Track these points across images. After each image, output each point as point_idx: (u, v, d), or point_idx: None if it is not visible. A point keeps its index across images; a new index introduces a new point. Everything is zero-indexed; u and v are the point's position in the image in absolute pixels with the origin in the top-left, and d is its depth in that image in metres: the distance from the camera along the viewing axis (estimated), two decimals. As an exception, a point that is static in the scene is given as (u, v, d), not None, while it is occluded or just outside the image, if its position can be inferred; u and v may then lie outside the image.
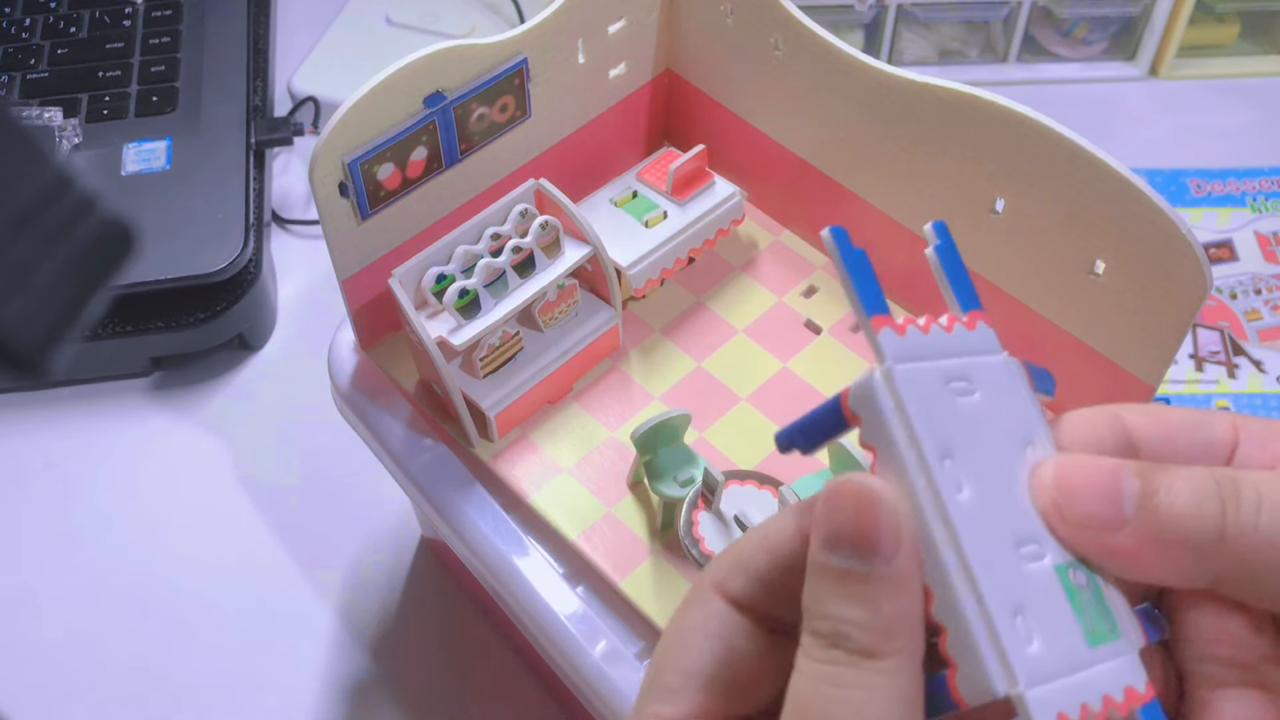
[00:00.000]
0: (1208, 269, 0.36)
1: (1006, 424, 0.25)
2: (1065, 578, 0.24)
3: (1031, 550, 0.24)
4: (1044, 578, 0.23)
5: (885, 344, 0.24)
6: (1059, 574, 0.24)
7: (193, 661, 0.54)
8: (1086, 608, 0.24)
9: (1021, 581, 0.23)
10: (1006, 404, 0.25)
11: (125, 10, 0.74)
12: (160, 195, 0.64)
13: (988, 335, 0.26)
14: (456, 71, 0.43)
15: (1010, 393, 0.25)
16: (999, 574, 0.23)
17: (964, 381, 0.25)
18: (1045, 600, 0.23)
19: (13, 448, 0.62)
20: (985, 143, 0.41)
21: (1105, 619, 0.24)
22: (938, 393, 0.24)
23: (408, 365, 0.46)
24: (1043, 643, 0.23)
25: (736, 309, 0.49)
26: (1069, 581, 0.24)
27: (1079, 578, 0.24)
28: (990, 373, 0.25)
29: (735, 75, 0.49)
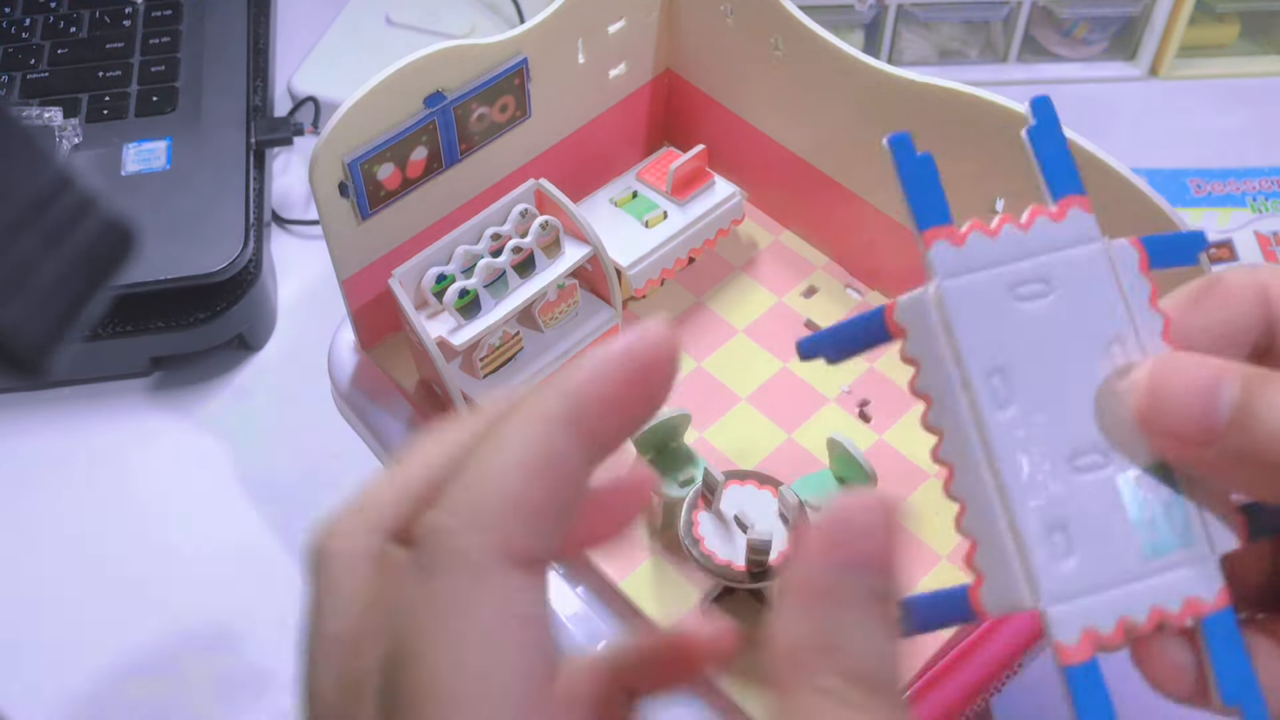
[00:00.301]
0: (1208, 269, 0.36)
1: (1088, 324, 0.23)
2: (1128, 484, 0.23)
3: (1091, 460, 0.23)
4: (1098, 489, 0.23)
5: (937, 260, 0.24)
6: (1122, 484, 0.23)
7: (192, 661, 0.54)
8: (1151, 517, 0.23)
9: (1068, 495, 0.23)
10: (1089, 301, 0.24)
11: (125, 10, 0.74)
12: (160, 195, 0.64)
13: (1082, 223, 0.24)
14: (456, 71, 0.43)
15: (1097, 287, 0.24)
16: (1039, 489, 0.22)
17: (1039, 283, 0.23)
18: (1095, 513, 0.23)
19: (13, 448, 0.62)
20: (985, 143, 0.41)
21: (1175, 527, 0.23)
22: (997, 303, 0.23)
23: (408, 365, 0.46)
24: (1083, 558, 0.22)
25: (736, 309, 0.49)
26: (1133, 491, 0.23)
27: (1147, 483, 0.23)
28: (1074, 268, 0.24)
29: (735, 75, 0.49)
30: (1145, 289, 0.24)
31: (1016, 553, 0.22)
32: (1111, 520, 0.23)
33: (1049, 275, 0.24)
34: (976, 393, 0.23)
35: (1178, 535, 0.23)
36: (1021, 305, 0.23)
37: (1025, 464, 0.23)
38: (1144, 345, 0.24)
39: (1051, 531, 0.22)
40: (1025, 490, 0.22)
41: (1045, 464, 0.23)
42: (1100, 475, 0.23)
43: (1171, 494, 0.23)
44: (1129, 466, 0.23)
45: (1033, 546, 0.22)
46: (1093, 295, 0.24)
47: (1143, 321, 0.24)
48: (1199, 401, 0.22)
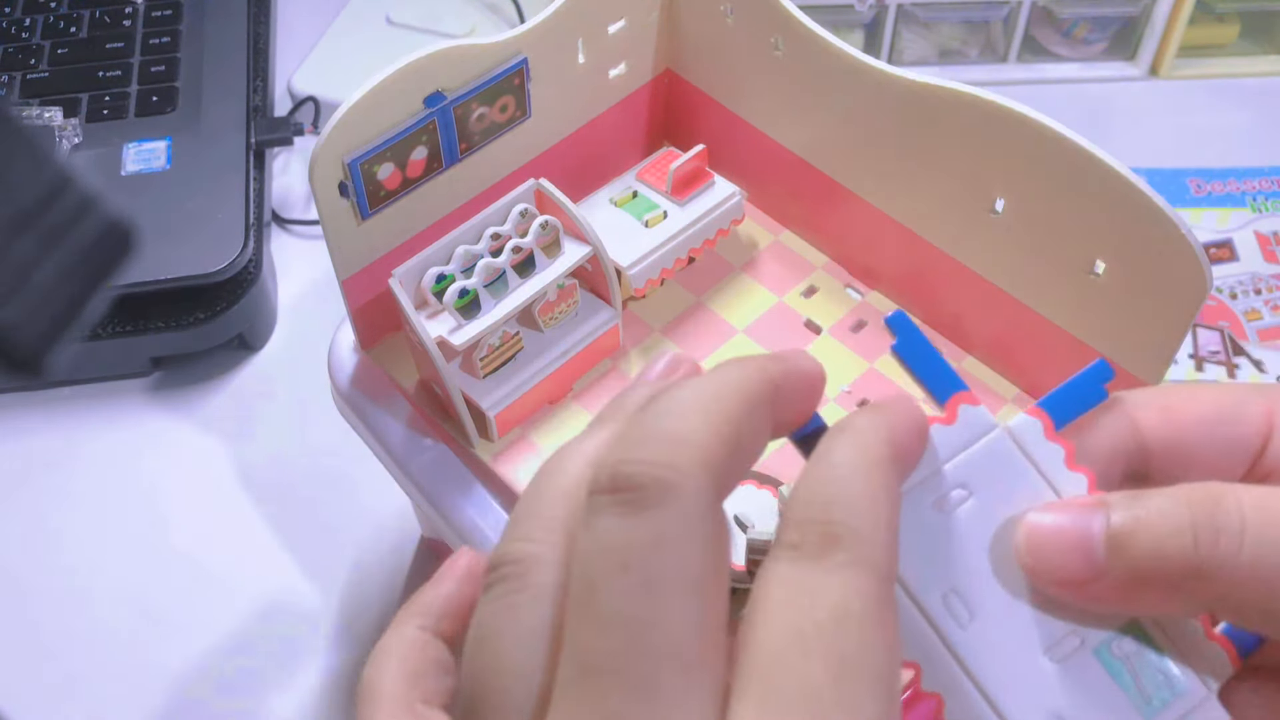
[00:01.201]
0: (1208, 269, 0.36)
1: (1014, 510, 0.24)
2: (1105, 655, 0.23)
3: (1067, 646, 0.23)
4: (1080, 669, 0.23)
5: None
6: (1098, 656, 0.23)
7: (192, 661, 0.54)
8: (1137, 676, 0.23)
9: (1054, 686, 0.23)
10: (1009, 489, 0.24)
11: (125, 10, 0.74)
12: (160, 195, 0.64)
13: (975, 417, 0.24)
14: (456, 71, 0.43)
15: (1010, 473, 0.24)
16: (1025, 695, 0.23)
17: (960, 489, 0.24)
18: (1087, 692, 0.23)
19: (13, 448, 0.62)
20: (985, 143, 0.41)
21: (1160, 678, 0.23)
22: (928, 522, 0.24)
23: (408, 365, 0.46)
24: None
25: (736, 309, 0.49)
26: (1110, 658, 0.23)
27: (1124, 647, 0.23)
28: (983, 463, 0.24)
29: (735, 75, 0.49)
30: (1059, 453, 0.24)
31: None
32: (1104, 692, 0.23)
33: (964, 479, 0.24)
34: (936, 620, 0.23)
35: (1170, 686, 0.23)
36: (951, 516, 0.24)
37: (1006, 669, 0.23)
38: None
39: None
40: (1015, 698, 0.23)
41: (1024, 663, 0.23)
42: (1079, 655, 0.23)
43: (1149, 648, 0.23)
44: (1100, 635, 0.23)
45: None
46: (1009, 481, 0.24)
47: (1065, 486, 0.24)
48: (1074, 542, 0.23)
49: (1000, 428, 0.24)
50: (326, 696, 0.53)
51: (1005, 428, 0.24)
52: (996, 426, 0.24)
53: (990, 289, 0.45)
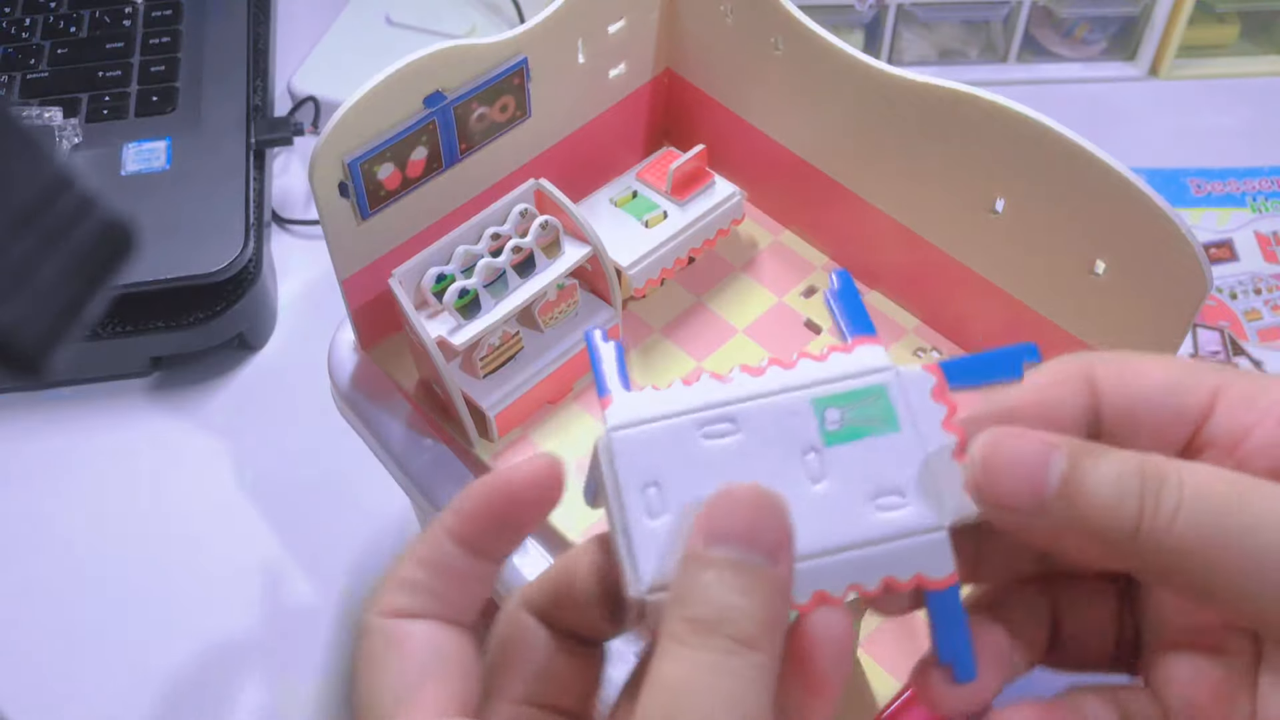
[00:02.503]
0: (1208, 269, 0.36)
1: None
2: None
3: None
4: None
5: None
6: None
7: (192, 661, 0.54)
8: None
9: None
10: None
11: (125, 10, 0.74)
12: (160, 195, 0.64)
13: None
14: (456, 71, 0.43)
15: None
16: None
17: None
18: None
19: (13, 448, 0.62)
20: (985, 143, 0.41)
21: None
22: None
23: (408, 365, 0.46)
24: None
25: (736, 309, 0.49)
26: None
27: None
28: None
29: (735, 75, 0.49)
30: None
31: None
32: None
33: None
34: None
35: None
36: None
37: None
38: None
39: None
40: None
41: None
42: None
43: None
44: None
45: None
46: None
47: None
48: (1028, 474, 0.24)
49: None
50: (326, 696, 0.53)
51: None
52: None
53: (990, 289, 0.45)
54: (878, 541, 0.25)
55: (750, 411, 0.26)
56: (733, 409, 0.26)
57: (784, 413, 0.26)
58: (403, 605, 0.27)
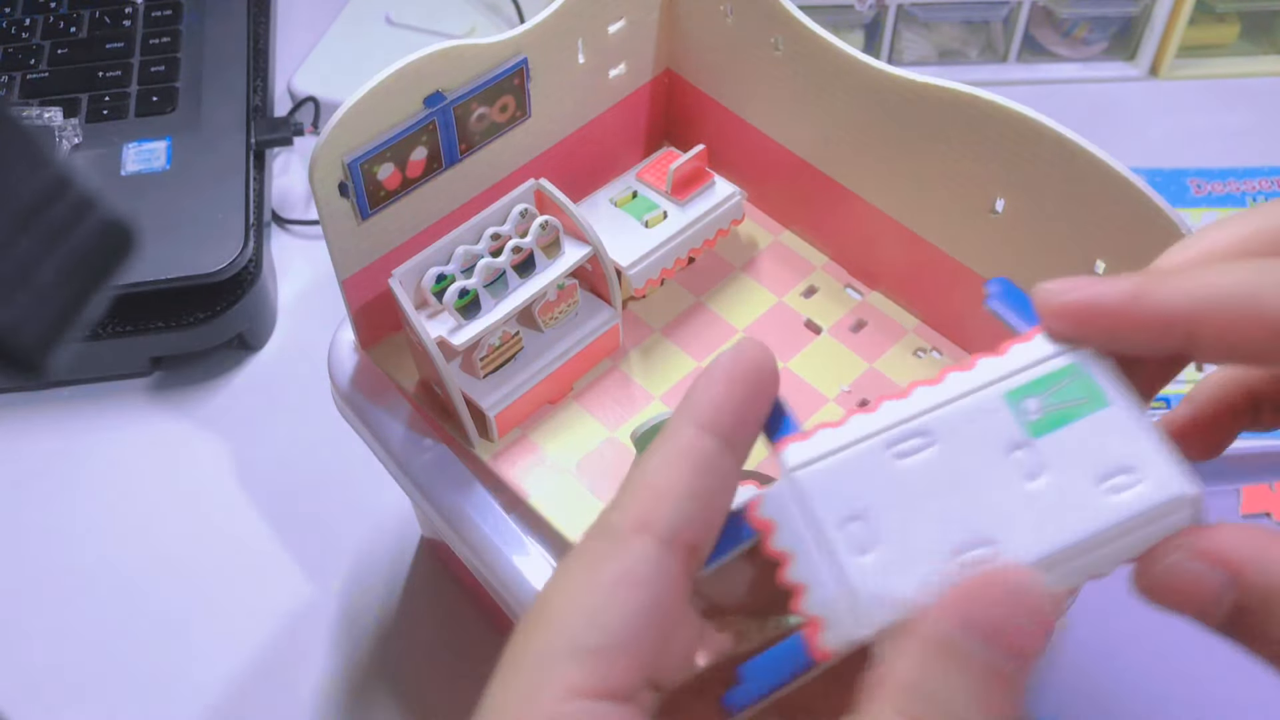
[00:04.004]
0: (1208, 269, 0.36)
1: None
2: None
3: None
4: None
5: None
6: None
7: (192, 661, 0.54)
8: None
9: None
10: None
11: (125, 10, 0.74)
12: (160, 195, 0.64)
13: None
14: (456, 71, 0.43)
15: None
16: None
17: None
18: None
19: (13, 448, 0.62)
20: (985, 143, 0.41)
21: None
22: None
23: (408, 365, 0.46)
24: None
25: (736, 309, 0.49)
26: None
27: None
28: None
29: (735, 75, 0.49)
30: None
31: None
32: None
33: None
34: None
35: None
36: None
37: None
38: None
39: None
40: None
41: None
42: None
43: None
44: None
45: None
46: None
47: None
48: (1198, 600, 0.22)
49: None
50: (326, 696, 0.53)
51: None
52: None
53: (990, 289, 0.45)
54: (1119, 527, 0.23)
55: (939, 420, 0.24)
56: (918, 422, 0.24)
57: (977, 413, 0.24)
58: (665, 522, 0.23)
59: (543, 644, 0.23)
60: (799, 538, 0.24)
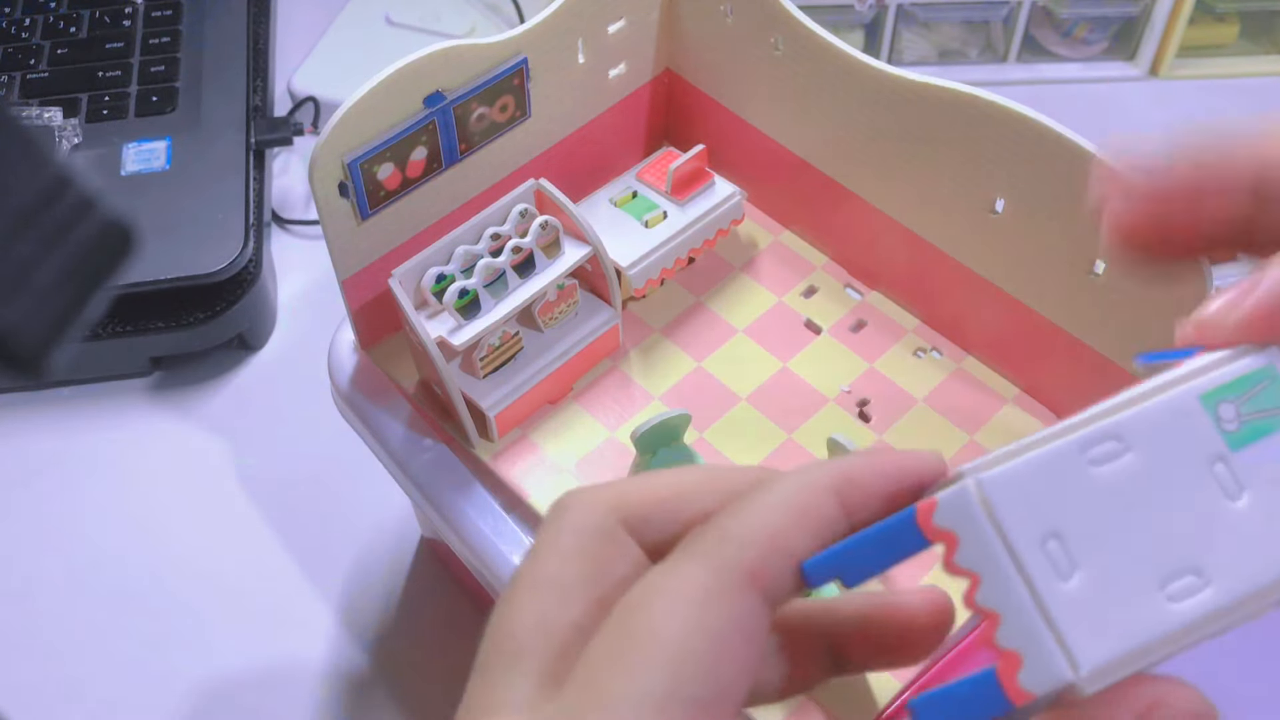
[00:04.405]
0: (1208, 269, 0.36)
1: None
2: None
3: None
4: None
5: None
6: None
7: (192, 661, 0.54)
8: None
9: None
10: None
11: (125, 10, 0.74)
12: (160, 195, 0.64)
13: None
14: (456, 71, 0.43)
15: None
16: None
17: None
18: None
19: (13, 448, 0.62)
20: (985, 143, 0.41)
21: None
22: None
23: (408, 365, 0.46)
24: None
25: (736, 309, 0.49)
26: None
27: None
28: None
29: (735, 75, 0.49)
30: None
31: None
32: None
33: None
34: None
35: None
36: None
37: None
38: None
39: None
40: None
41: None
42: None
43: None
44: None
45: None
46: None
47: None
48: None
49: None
50: (326, 696, 0.53)
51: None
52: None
53: (990, 289, 0.45)
54: None
55: (1133, 421, 0.22)
56: (1111, 421, 0.22)
57: (1173, 416, 0.22)
58: (772, 576, 0.22)
59: (645, 683, 0.21)
60: (988, 555, 0.21)
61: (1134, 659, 0.20)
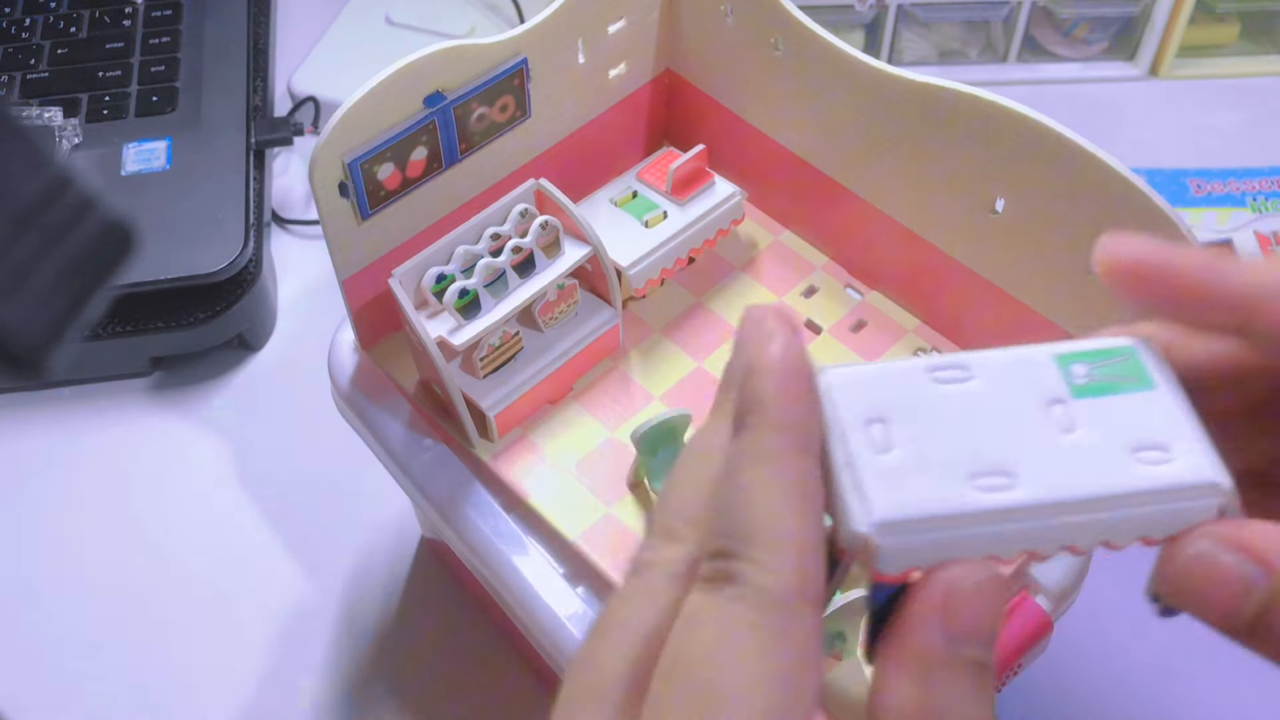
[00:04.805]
0: (1208, 269, 0.36)
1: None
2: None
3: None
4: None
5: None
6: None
7: (192, 661, 0.54)
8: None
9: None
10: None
11: (125, 10, 0.74)
12: (160, 195, 0.64)
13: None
14: (456, 71, 0.43)
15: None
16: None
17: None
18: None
19: (13, 448, 0.62)
20: (985, 143, 0.41)
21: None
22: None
23: (408, 365, 0.46)
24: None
25: (736, 309, 0.49)
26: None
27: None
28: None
29: (735, 75, 0.49)
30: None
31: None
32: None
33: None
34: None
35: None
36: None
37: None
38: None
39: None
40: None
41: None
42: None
43: None
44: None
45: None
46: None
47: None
48: (1224, 596, 0.22)
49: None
50: (327, 696, 0.53)
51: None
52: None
53: (990, 289, 0.45)
54: (1143, 495, 0.22)
55: (985, 361, 0.24)
56: (963, 357, 0.24)
57: (1023, 364, 0.24)
58: (819, 585, 0.23)
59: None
60: (827, 431, 0.23)
61: (928, 528, 0.22)
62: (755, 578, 0.22)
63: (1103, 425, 0.23)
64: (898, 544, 0.22)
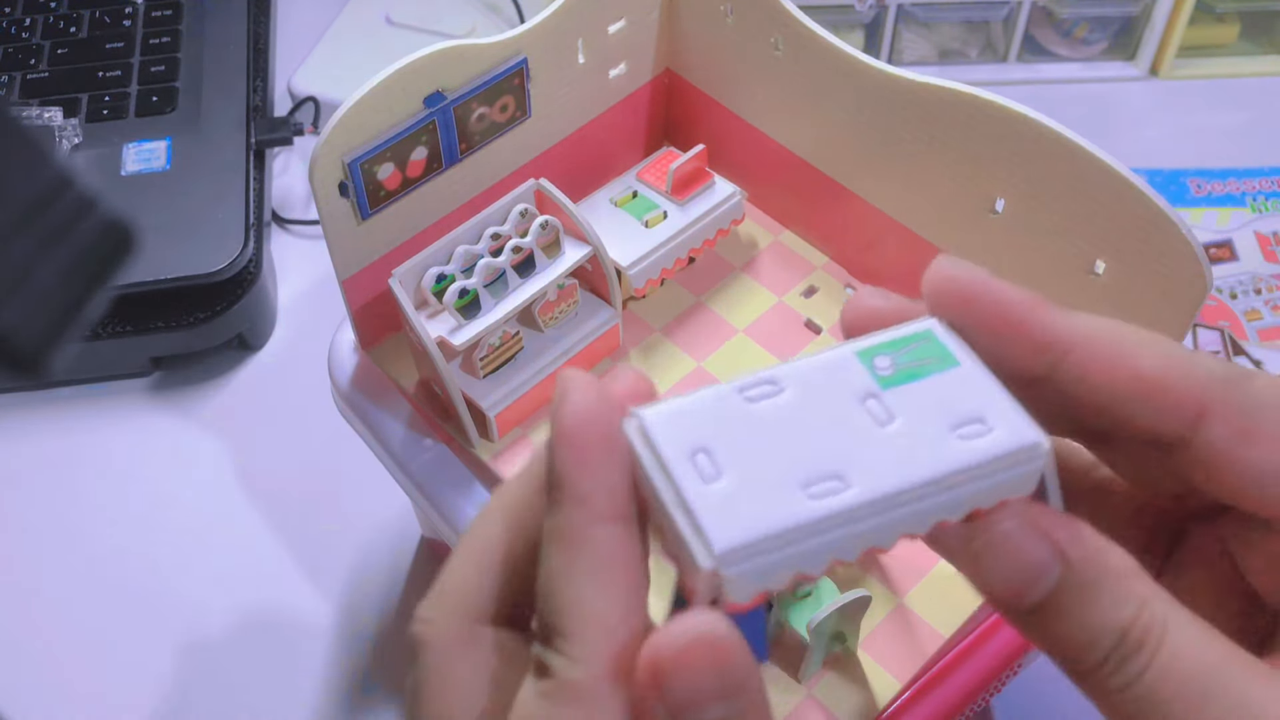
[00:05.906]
0: (1208, 269, 0.37)
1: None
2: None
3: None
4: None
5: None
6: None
7: (192, 661, 0.54)
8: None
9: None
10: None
11: (125, 10, 0.74)
12: (160, 195, 0.64)
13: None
14: (456, 71, 0.43)
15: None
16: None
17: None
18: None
19: (13, 448, 0.62)
20: (985, 143, 0.41)
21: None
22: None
23: (408, 365, 0.46)
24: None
25: (736, 309, 0.49)
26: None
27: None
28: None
29: (735, 75, 0.49)
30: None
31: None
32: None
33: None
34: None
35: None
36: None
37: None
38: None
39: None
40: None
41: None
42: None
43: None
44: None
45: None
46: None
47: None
48: (1022, 577, 0.23)
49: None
50: (327, 696, 0.53)
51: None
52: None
53: (990, 289, 0.45)
54: (973, 470, 0.23)
55: (791, 372, 0.24)
56: (769, 372, 0.24)
57: (829, 368, 0.24)
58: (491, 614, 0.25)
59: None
60: (649, 476, 0.23)
61: (771, 546, 0.22)
62: (562, 670, 0.22)
63: (918, 410, 0.24)
64: (744, 570, 0.22)
